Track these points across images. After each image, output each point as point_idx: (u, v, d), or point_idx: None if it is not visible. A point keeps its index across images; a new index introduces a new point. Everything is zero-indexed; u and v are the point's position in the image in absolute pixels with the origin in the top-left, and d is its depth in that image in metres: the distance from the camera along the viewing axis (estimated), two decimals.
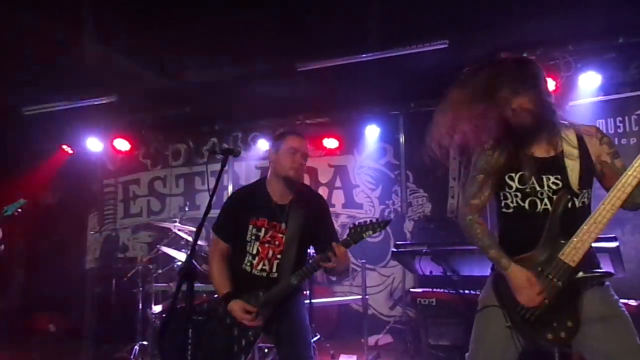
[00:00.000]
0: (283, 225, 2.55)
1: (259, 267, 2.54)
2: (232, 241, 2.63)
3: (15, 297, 7.12)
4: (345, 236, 2.40)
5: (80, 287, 6.55)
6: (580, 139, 1.95)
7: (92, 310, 6.04)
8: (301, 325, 2.52)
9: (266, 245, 2.55)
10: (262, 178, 2.72)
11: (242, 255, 2.59)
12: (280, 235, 2.54)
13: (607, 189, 1.84)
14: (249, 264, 2.56)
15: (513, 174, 1.96)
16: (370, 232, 2.35)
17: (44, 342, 6.18)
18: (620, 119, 4.05)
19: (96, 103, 5.84)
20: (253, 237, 2.56)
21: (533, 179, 1.92)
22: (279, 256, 2.53)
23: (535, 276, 1.86)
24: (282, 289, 2.43)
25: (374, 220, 2.38)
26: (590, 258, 1.88)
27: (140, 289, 4.78)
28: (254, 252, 2.56)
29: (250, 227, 2.56)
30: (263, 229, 2.56)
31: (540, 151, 1.96)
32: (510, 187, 1.97)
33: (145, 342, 4.53)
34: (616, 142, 4.01)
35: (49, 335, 6.46)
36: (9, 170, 6.56)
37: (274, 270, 2.53)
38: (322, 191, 6.54)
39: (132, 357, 4.46)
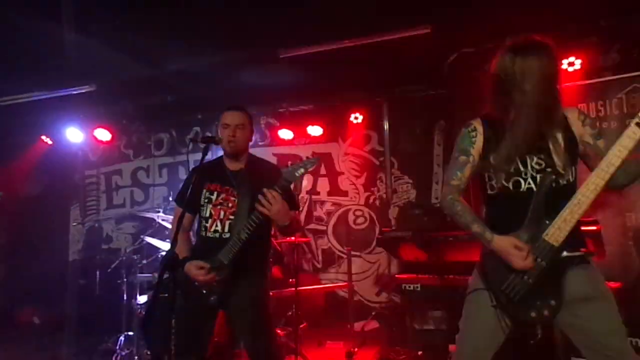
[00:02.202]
0: (234, 189, 2.63)
1: (212, 229, 2.61)
2: (191, 209, 2.70)
3: None
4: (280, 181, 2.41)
5: (64, 278, 6.49)
6: (564, 119, 1.98)
7: (76, 302, 5.98)
8: (263, 318, 2.57)
9: (218, 207, 2.63)
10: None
11: (200, 221, 2.69)
12: (233, 198, 2.62)
13: (592, 170, 1.85)
14: (203, 228, 2.65)
15: (496, 154, 1.96)
16: (302, 171, 2.38)
17: (28, 334, 6.11)
18: (602, 102, 4.06)
19: (75, 92, 5.71)
20: (206, 200, 2.65)
21: (517, 158, 1.93)
22: (231, 217, 2.59)
23: None
24: (232, 245, 2.45)
25: (305, 158, 2.41)
26: (575, 237, 1.88)
27: (125, 279, 4.75)
28: (207, 215, 2.64)
29: (204, 191, 2.67)
30: (215, 192, 2.66)
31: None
32: (494, 167, 1.97)
33: (130, 333, 4.51)
34: (597, 125, 4.03)
35: (33, 327, 6.40)
36: None
37: (226, 230, 2.58)
38: (307, 179, 6.52)
39: (117, 347, 4.44)
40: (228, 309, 2.57)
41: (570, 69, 4.49)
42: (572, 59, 4.48)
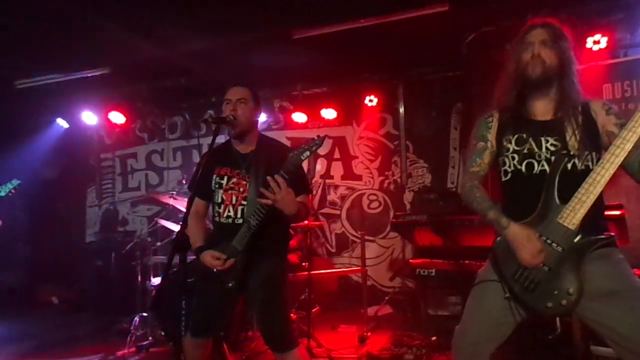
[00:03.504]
0: (245, 172, 2.57)
1: (225, 215, 2.56)
2: (201, 194, 2.66)
3: (18, 271, 7.16)
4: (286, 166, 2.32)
5: (81, 260, 6.57)
6: (586, 107, 1.91)
7: (93, 283, 6.06)
8: (275, 298, 2.52)
9: (229, 192, 2.57)
10: None
11: (213, 207, 2.65)
12: (244, 182, 2.56)
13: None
14: (217, 214, 2.60)
15: (510, 137, 1.94)
16: (308, 153, 2.28)
17: (47, 314, 6.23)
18: (628, 82, 3.90)
19: (89, 75, 5.72)
20: (217, 186, 2.60)
21: (530, 140, 1.89)
22: (243, 202, 2.53)
23: None
24: (244, 231, 2.41)
25: (310, 140, 2.31)
26: (594, 222, 1.79)
27: (139, 261, 4.80)
28: (219, 200, 2.59)
29: (214, 176, 2.61)
30: (225, 177, 2.59)
31: (541, 114, 1.94)
32: (508, 150, 1.93)
33: (145, 314, 4.56)
34: (623, 106, 3.87)
35: (52, 307, 6.53)
36: (4, 145, 6.49)
37: (239, 216, 2.53)
38: (321, 163, 6.47)
39: (132, 327, 4.48)
40: (245, 292, 2.55)
41: (596, 47, 4.29)
42: (597, 36, 4.28)
